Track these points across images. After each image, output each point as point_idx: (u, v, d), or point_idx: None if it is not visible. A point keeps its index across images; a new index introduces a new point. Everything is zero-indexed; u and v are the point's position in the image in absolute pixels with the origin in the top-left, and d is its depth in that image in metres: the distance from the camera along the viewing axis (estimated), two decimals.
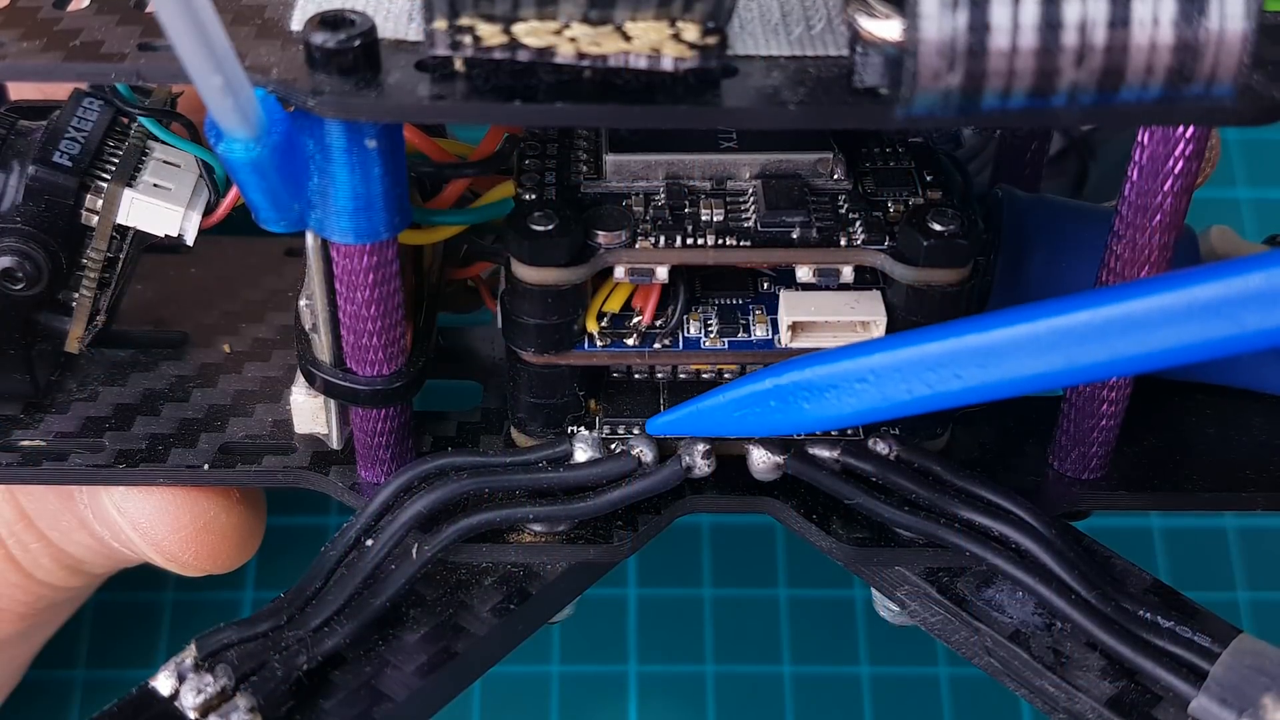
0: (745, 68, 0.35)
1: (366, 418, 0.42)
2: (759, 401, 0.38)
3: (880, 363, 0.36)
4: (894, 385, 0.36)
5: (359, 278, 0.38)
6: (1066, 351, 0.34)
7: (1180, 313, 0.32)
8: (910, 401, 0.36)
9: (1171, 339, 0.32)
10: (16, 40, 0.36)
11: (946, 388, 0.35)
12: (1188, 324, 0.32)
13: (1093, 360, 0.33)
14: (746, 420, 0.38)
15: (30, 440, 0.45)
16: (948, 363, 0.35)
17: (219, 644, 0.38)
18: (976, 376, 0.35)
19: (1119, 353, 0.33)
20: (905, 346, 0.35)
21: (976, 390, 0.35)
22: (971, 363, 0.35)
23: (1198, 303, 0.32)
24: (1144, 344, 0.33)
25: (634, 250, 0.40)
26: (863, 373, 0.36)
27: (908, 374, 0.35)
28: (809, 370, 0.37)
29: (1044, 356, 0.34)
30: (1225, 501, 0.44)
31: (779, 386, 0.37)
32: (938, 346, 0.35)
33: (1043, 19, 0.31)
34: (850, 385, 0.36)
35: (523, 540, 0.42)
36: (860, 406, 0.36)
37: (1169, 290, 0.32)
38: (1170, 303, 0.32)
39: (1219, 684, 0.37)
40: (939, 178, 0.42)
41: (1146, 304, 0.32)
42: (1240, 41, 0.31)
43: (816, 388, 0.37)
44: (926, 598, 0.42)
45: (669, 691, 0.58)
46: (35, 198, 0.42)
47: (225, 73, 0.31)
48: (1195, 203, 0.39)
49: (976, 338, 0.34)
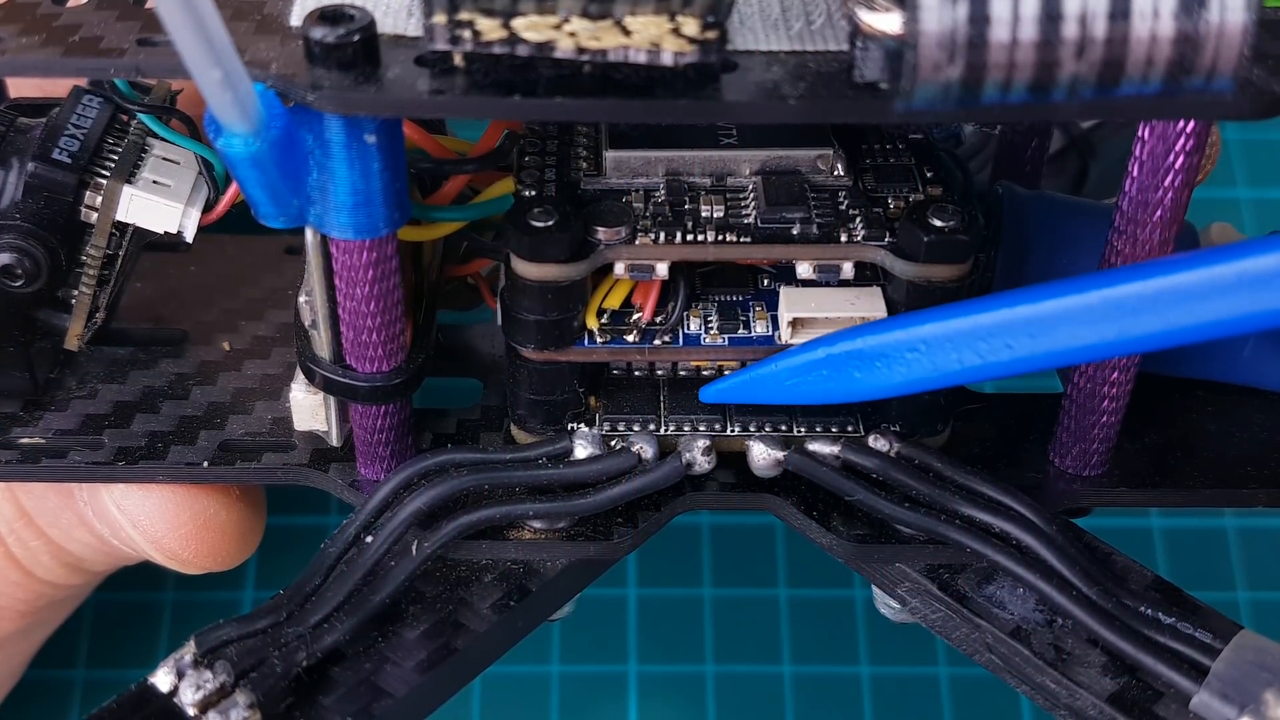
0: (745, 62, 0.35)
1: (366, 414, 0.42)
2: (811, 370, 0.38)
3: (932, 332, 0.36)
4: (945, 355, 0.36)
5: (359, 274, 0.38)
6: (1119, 322, 0.34)
7: (1231, 284, 0.32)
8: (961, 371, 0.36)
9: (1224, 310, 0.33)
10: (16, 35, 0.36)
11: (997, 358, 0.35)
12: (1238, 295, 0.32)
13: (1144, 331, 0.34)
14: (799, 388, 0.39)
15: (30, 438, 0.45)
16: (999, 333, 0.35)
17: (218, 640, 0.38)
18: (1027, 347, 0.35)
19: (1171, 323, 0.33)
20: (957, 317, 0.36)
21: (1027, 360, 0.35)
22: (1023, 333, 0.35)
23: (1248, 274, 0.32)
24: (1197, 314, 0.33)
25: (634, 246, 0.40)
26: (914, 342, 0.36)
27: (959, 344, 0.36)
28: (861, 340, 0.37)
29: (1096, 326, 0.34)
30: (1226, 498, 0.44)
31: (831, 356, 0.38)
32: (990, 317, 0.35)
33: (1043, 11, 0.31)
34: (901, 355, 0.37)
35: (523, 537, 0.42)
36: (911, 375, 0.37)
37: (1223, 261, 0.32)
38: (1222, 274, 0.32)
39: (1220, 680, 0.37)
40: (939, 174, 0.42)
41: (1201, 274, 0.33)
42: (1240, 35, 0.31)
43: (868, 356, 0.37)
44: (927, 594, 0.42)
45: (669, 691, 0.58)
46: (35, 194, 0.42)
47: (225, 67, 0.31)
48: (1195, 202, 0.39)
49: (1028, 308, 0.35)
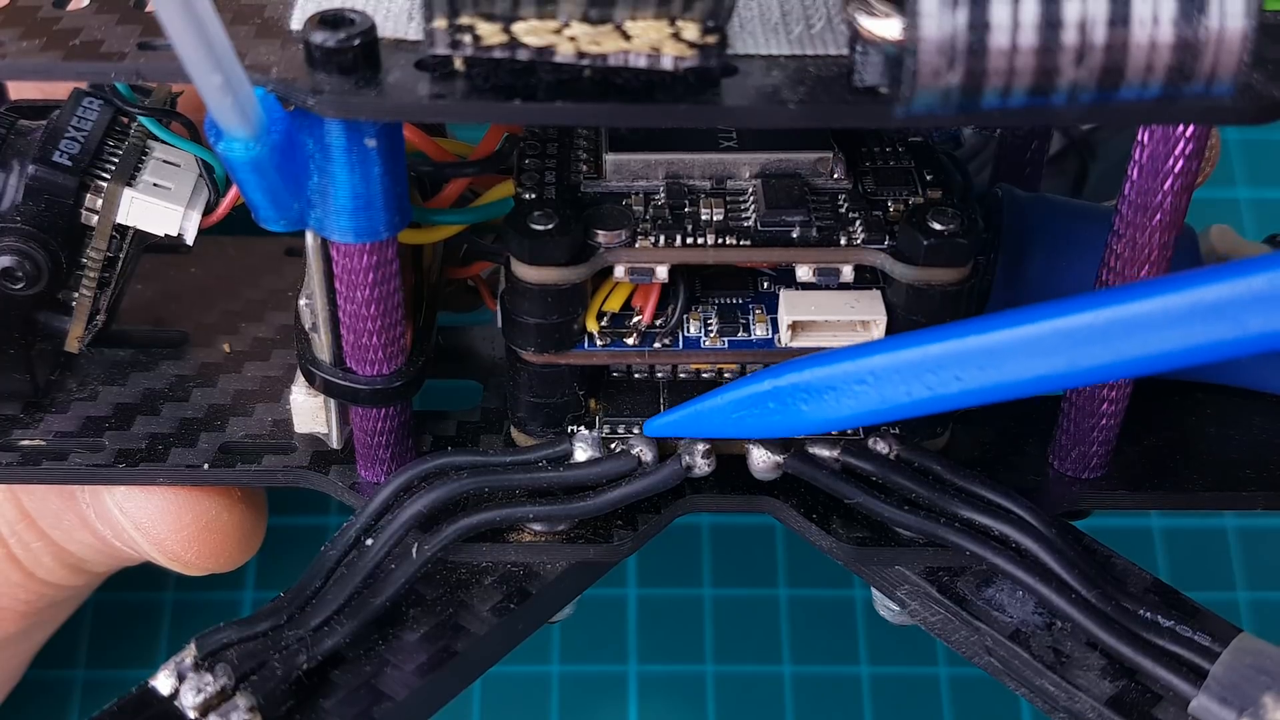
0: (745, 67, 0.35)
1: (366, 417, 0.42)
2: (757, 403, 0.38)
3: (879, 364, 0.35)
4: (893, 387, 0.35)
5: (359, 277, 0.38)
6: (1068, 353, 0.33)
7: (1183, 314, 0.32)
8: (909, 404, 0.35)
9: (1174, 341, 0.32)
10: (16, 39, 0.36)
11: (946, 390, 0.35)
12: (1190, 326, 0.32)
13: (1094, 363, 0.33)
14: (745, 422, 0.38)
15: (30, 440, 0.45)
16: (947, 364, 0.35)
17: (219, 643, 0.38)
18: (976, 379, 0.34)
19: (1121, 355, 0.33)
20: (904, 348, 0.35)
21: (976, 393, 0.34)
22: (971, 364, 0.34)
23: (1200, 305, 0.32)
24: (1146, 346, 0.32)
25: (634, 249, 0.40)
26: (862, 374, 0.36)
27: (907, 376, 0.35)
28: (807, 372, 0.37)
29: (1045, 358, 0.33)
30: (1225, 501, 0.44)
31: (778, 388, 0.37)
32: (937, 348, 0.35)
33: (1043, 17, 0.31)
34: (849, 387, 0.36)
35: (523, 539, 0.42)
36: (859, 409, 0.36)
37: (1172, 292, 0.32)
38: (1173, 304, 0.32)
39: (1219, 683, 0.37)
40: (939, 177, 0.42)
41: (1149, 305, 0.32)
42: (1240, 40, 0.31)
43: (815, 389, 0.37)
44: (926, 597, 0.42)
45: (669, 691, 0.58)
46: (35, 197, 0.42)
47: (225, 71, 0.31)
48: (1195, 202, 0.39)
49: (976, 339, 0.34)
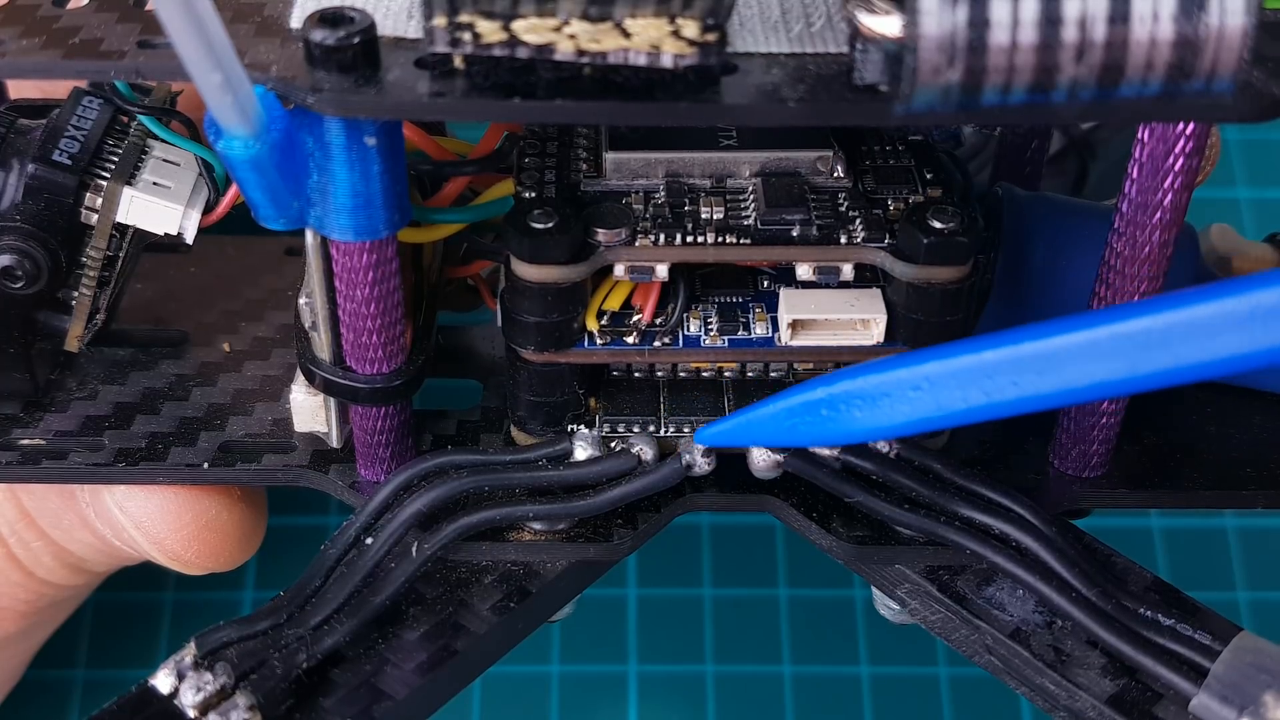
0: (745, 65, 0.35)
1: (366, 416, 0.42)
2: (810, 410, 0.37)
3: (935, 370, 0.35)
4: (949, 393, 0.35)
5: (358, 276, 0.38)
6: (1129, 358, 0.33)
7: (1243, 318, 0.31)
8: (965, 410, 0.35)
9: (1235, 345, 0.32)
10: (16, 38, 0.36)
11: (1003, 396, 0.34)
12: (1251, 330, 0.31)
13: (1155, 368, 0.32)
14: (798, 429, 0.38)
15: (30, 439, 0.45)
16: (1004, 370, 0.34)
17: (218, 642, 0.38)
18: (1034, 384, 0.34)
19: (1182, 359, 0.32)
20: (961, 354, 0.35)
21: (1034, 399, 0.34)
22: (1029, 370, 0.34)
23: (1261, 308, 0.31)
24: (1207, 351, 0.32)
25: (634, 248, 0.40)
26: (918, 380, 0.35)
27: (964, 381, 0.34)
28: (861, 379, 0.36)
29: (1105, 363, 0.33)
30: (1225, 499, 0.44)
31: (832, 396, 0.37)
32: (994, 354, 0.34)
33: (1043, 14, 0.30)
34: (904, 393, 0.35)
35: (523, 538, 0.42)
36: (914, 415, 0.35)
37: (1233, 295, 0.32)
38: (1234, 308, 0.31)
39: (1220, 681, 0.37)
40: (939, 175, 0.42)
41: (1210, 309, 0.32)
42: (1240, 37, 0.31)
43: (870, 396, 0.36)
44: (927, 596, 0.42)
45: (669, 691, 0.58)
46: (35, 196, 0.42)
47: (225, 70, 0.31)
48: (1195, 202, 0.38)
49: (1035, 345, 0.34)
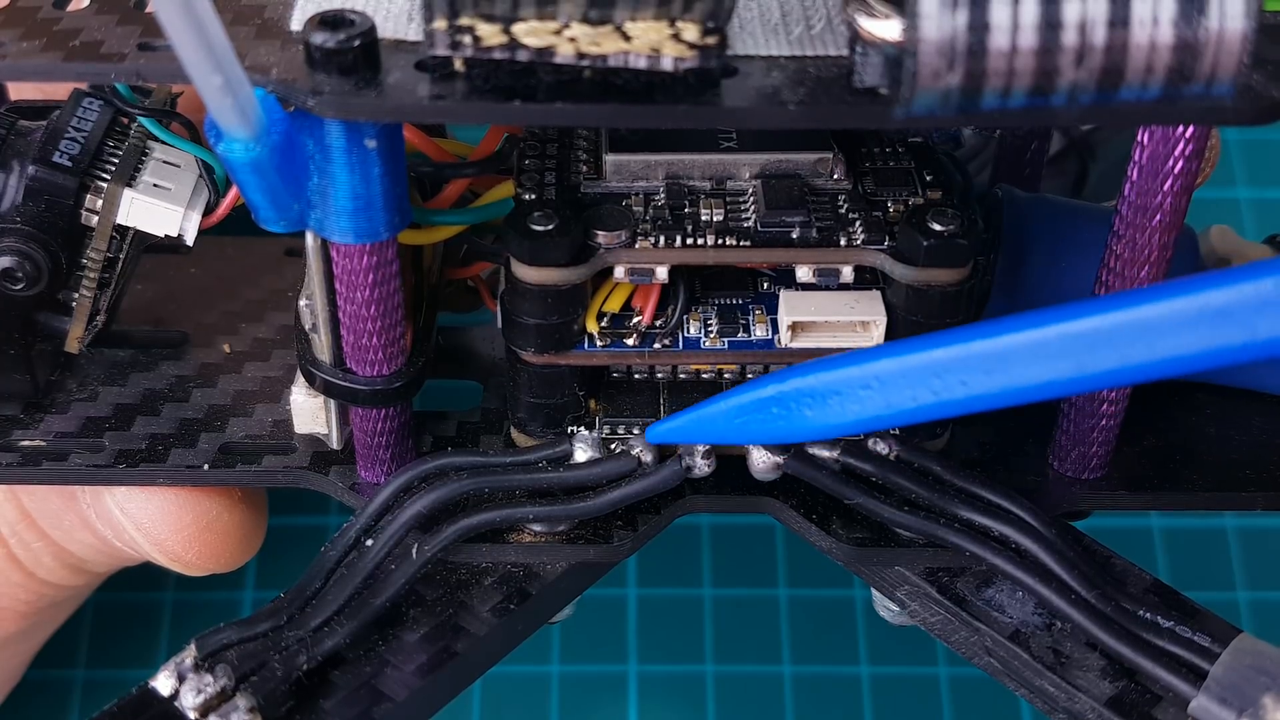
0: (745, 67, 0.35)
1: (366, 418, 0.42)
2: (761, 408, 0.37)
3: (884, 369, 0.35)
4: (898, 392, 0.35)
5: (359, 278, 0.38)
6: (1075, 358, 0.33)
7: (1191, 318, 0.31)
8: (915, 409, 0.35)
9: (1183, 346, 0.32)
10: (16, 40, 0.36)
11: (951, 395, 0.34)
12: (1199, 330, 0.31)
13: (1102, 368, 0.33)
14: (748, 427, 0.38)
15: (30, 440, 0.45)
16: (953, 369, 0.34)
17: (219, 644, 0.38)
18: (982, 384, 0.34)
19: (1129, 359, 0.32)
20: (910, 353, 0.35)
21: (982, 398, 0.34)
22: (977, 369, 0.34)
23: (1209, 309, 0.31)
24: (1154, 351, 0.32)
25: (634, 250, 0.40)
26: (867, 379, 0.35)
27: (912, 381, 0.35)
28: (811, 376, 0.36)
29: (1052, 363, 0.33)
30: (1225, 501, 0.44)
31: (782, 393, 0.37)
32: (942, 353, 0.34)
33: (1042, 18, 0.31)
34: (854, 392, 0.35)
35: (523, 540, 0.42)
36: (864, 414, 0.36)
37: (1180, 295, 0.32)
38: (1181, 308, 0.32)
39: (1219, 684, 0.37)
40: (939, 177, 0.42)
41: (1157, 309, 0.32)
42: (1240, 41, 0.31)
43: (819, 394, 0.36)
44: (926, 598, 0.42)
45: (669, 691, 0.58)
46: (35, 198, 0.42)
47: (225, 72, 0.31)
48: (1195, 203, 0.39)
49: (982, 344, 0.34)
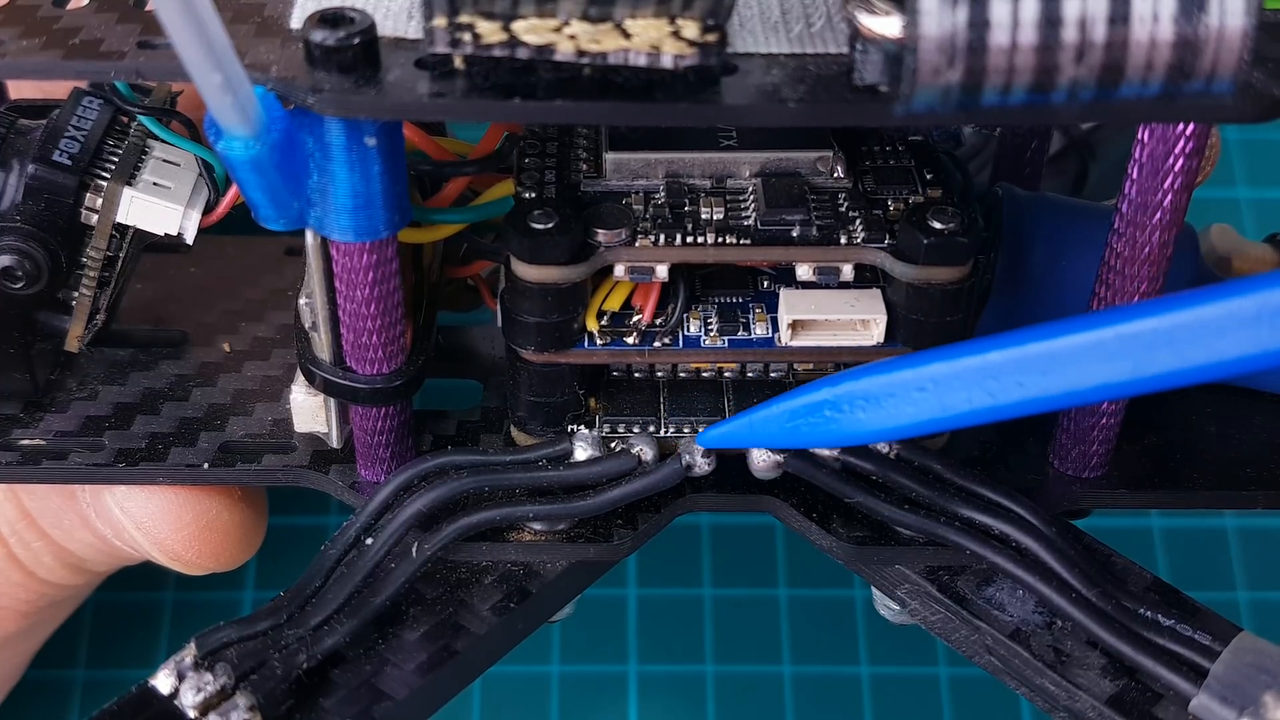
0: (745, 65, 0.35)
1: (366, 416, 0.42)
2: (814, 411, 0.37)
3: (940, 371, 0.35)
4: (954, 394, 0.35)
5: (359, 276, 0.38)
6: (1134, 359, 0.33)
7: (1249, 319, 0.31)
8: (970, 411, 0.35)
9: (1239, 347, 0.32)
10: (16, 38, 0.36)
11: (1008, 397, 0.34)
12: (1259, 331, 0.31)
13: (1160, 369, 0.32)
14: (801, 431, 0.38)
15: (30, 439, 0.45)
16: (1010, 371, 0.34)
17: (219, 642, 0.38)
18: (1039, 385, 0.34)
19: (1189, 361, 0.32)
20: (967, 355, 0.35)
21: (1038, 400, 0.34)
22: (1034, 370, 0.34)
23: (1269, 308, 0.31)
24: (1212, 352, 0.32)
25: (634, 248, 0.40)
26: (922, 381, 0.35)
27: (969, 382, 0.34)
28: (866, 379, 0.36)
29: (1110, 364, 0.33)
30: (1225, 500, 0.44)
31: (836, 396, 0.37)
32: (999, 355, 0.34)
33: (1043, 15, 0.30)
34: (909, 394, 0.35)
35: (523, 539, 0.42)
36: (919, 416, 0.35)
37: (1241, 295, 0.31)
38: (1239, 308, 0.31)
39: (1219, 682, 0.37)
40: (939, 176, 0.42)
41: (1215, 309, 0.32)
42: (1240, 38, 0.31)
43: (875, 397, 0.36)
44: (927, 596, 0.42)
45: (669, 691, 0.58)
46: (35, 196, 0.42)
47: (225, 70, 0.31)
48: (1195, 202, 0.39)
49: (1040, 345, 0.34)
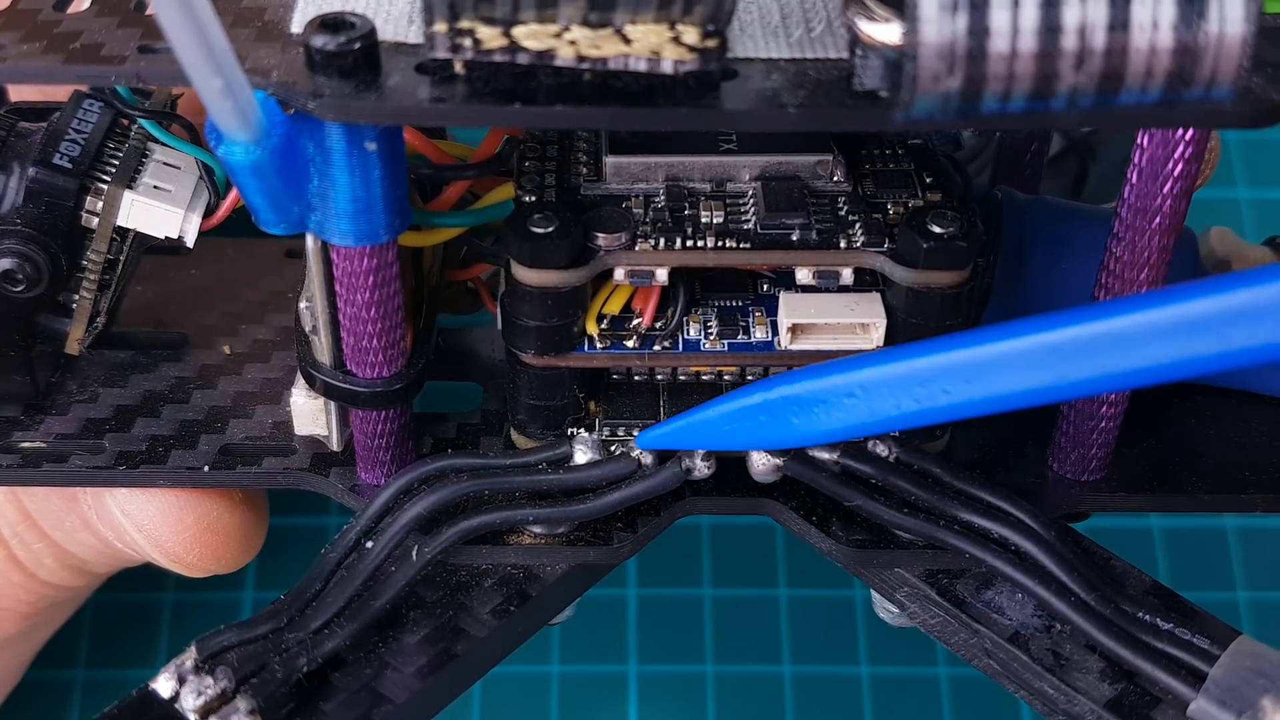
0: (745, 70, 0.35)
1: (366, 419, 0.42)
2: (749, 415, 0.38)
3: (868, 378, 0.36)
4: (881, 400, 0.36)
5: (359, 280, 0.38)
6: (1055, 368, 0.33)
7: (1169, 329, 0.32)
8: (898, 417, 0.36)
9: (1161, 355, 0.32)
10: (17, 42, 0.36)
11: (934, 403, 0.35)
12: (1176, 340, 0.32)
13: (1081, 376, 0.33)
14: (737, 434, 0.38)
15: (30, 442, 0.45)
16: (935, 378, 0.35)
17: (219, 646, 0.38)
18: (964, 392, 0.34)
19: (1108, 369, 0.33)
20: (893, 361, 0.35)
21: (964, 406, 0.35)
22: (959, 378, 0.34)
23: (1187, 319, 0.32)
24: (1133, 360, 0.32)
25: (634, 252, 0.40)
26: (851, 387, 0.36)
27: (895, 389, 0.35)
28: (798, 384, 0.37)
29: (1032, 372, 0.34)
30: (1224, 503, 0.44)
31: (768, 401, 0.37)
32: (924, 362, 0.35)
33: (1042, 23, 0.31)
34: (839, 400, 0.36)
35: (522, 542, 0.42)
36: (848, 421, 0.36)
37: (1160, 306, 0.32)
38: (1161, 319, 0.32)
39: (1218, 686, 0.37)
40: (938, 179, 0.42)
41: (1135, 320, 0.32)
42: (1240, 44, 0.31)
43: (805, 402, 0.37)
44: (926, 599, 0.42)
45: (669, 691, 0.58)
46: (35, 199, 0.42)
47: (225, 75, 0.31)
48: (1195, 203, 0.39)
49: (964, 353, 0.34)
